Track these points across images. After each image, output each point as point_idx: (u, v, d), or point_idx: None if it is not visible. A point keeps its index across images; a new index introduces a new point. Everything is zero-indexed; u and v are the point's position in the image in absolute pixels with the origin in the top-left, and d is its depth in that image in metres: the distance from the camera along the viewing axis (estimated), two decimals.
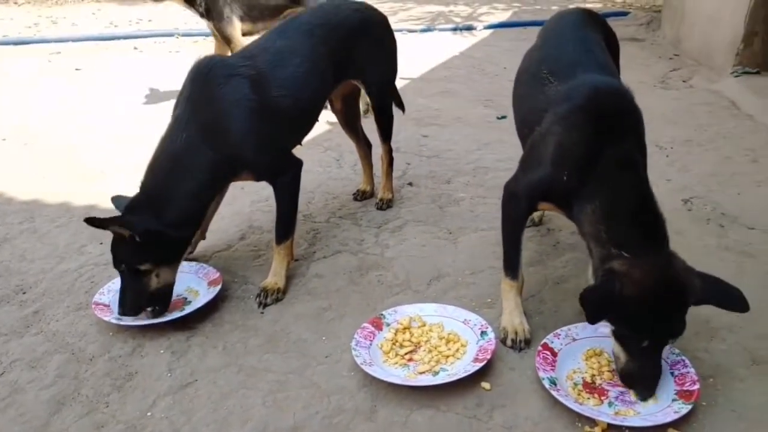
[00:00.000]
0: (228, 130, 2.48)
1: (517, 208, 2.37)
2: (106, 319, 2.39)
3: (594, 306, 1.95)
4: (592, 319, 1.96)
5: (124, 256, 2.38)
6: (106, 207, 3.31)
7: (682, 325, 1.96)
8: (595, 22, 2.81)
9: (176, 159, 2.44)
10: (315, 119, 2.91)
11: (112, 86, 5.75)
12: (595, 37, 2.64)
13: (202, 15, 4.99)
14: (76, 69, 6.23)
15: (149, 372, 2.21)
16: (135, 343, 2.35)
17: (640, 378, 2.00)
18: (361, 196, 3.46)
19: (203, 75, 2.52)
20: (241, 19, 5.00)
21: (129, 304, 2.37)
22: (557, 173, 2.17)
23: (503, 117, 4.63)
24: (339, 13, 2.97)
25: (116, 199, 2.59)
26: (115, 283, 2.62)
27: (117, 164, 3.94)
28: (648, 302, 1.91)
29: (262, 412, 2.03)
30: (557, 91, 2.29)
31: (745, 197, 3.43)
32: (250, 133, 2.51)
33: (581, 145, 2.13)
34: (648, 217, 2.02)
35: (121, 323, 2.40)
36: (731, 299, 1.95)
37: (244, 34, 5.13)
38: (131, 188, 3.48)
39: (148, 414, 2.03)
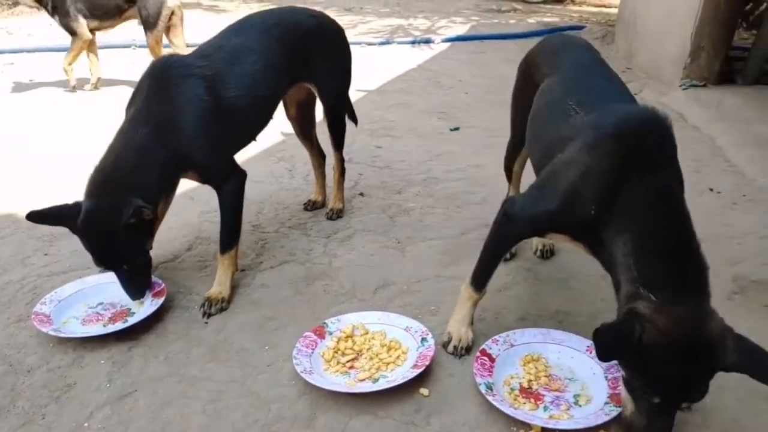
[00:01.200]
0: (181, 129, 2.50)
1: (514, 231, 2.27)
2: (44, 330, 2.36)
3: (606, 345, 1.74)
4: (603, 358, 1.78)
5: (139, 243, 2.50)
6: None
7: (703, 390, 1.75)
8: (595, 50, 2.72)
9: (135, 152, 2.45)
10: (269, 118, 2.94)
11: (66, 97, 5.69)
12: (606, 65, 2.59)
13: (50, 12, 5.50)
14: (30, 80, 6.15)
15: (88, 383, 2.19)
16: (75, 354, 2.33)
17: None
18: (312, 206, 3.48)
19: (160, 73, 2.53)
20: (86, 17, 5.49)
21: (144, 286, 2.57)
22: (581, 204, 2.00)
23: (456, 129, 4.71)
24: (295, 16, 3.02)
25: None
26: (58, 293, 2.61)
27: (66, 175, 3.89)
28: (668, 357, 1.70)
29: (201, 420, 2.03)
30: (584, 120, 2.15)
31: (687, 206, 3.52)
32: (202, 134, 2.55)
33: (611, 174, 1.95)
34: (686, 259, 1.81)
35: (60, 335, 2.37)
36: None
37: (91, 31, 5.62)
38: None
39: (85, 425, 2.01)
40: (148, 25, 5.50)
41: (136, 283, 2.53)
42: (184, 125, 2.51)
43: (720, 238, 3.16)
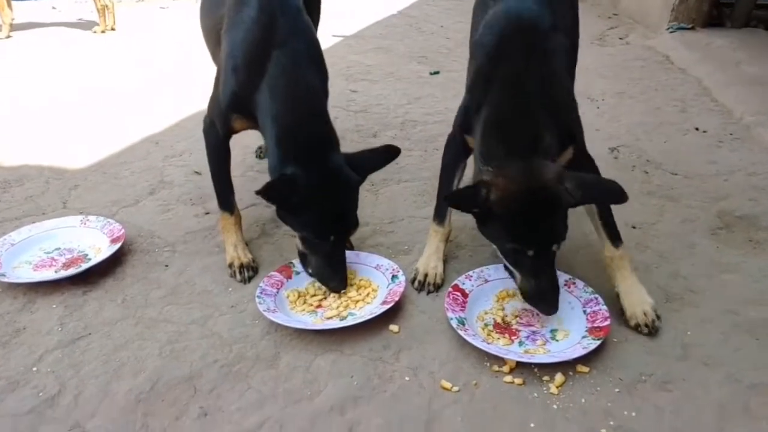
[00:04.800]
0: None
1: (453, 144, 2.28)
2: None
3: (456, 203, 2.00)
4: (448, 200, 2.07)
5: None
6: None
7: (561, 229, 1.91)
8: None
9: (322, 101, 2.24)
10: None
11: (25, 46, 5.48)
12: None
13: None
14: None
15: (38, 327, 2.07)
16: (26, 299, 2.20)
17: (539, 293, 1.94)
18: (264, 152, 3.29)
19: (298, 23, 2.23)
20: None
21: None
22: (469, 101, 2.11)
23: (436, 72, 4.55)
24: None
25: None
26: (12, 236, 2.48)
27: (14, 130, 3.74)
28: (514, 207, 1.86)
29: (157, 362, 1.92)
30: (488, 17, 2.14)
31: (671, 145, 3.43)
32: None
33: (483, 70, 2.06)
34: (519, 129, 1.93)
35: (4, 280, 2.24)
36: (609, 193, 1.89)
37: None
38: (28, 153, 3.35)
39: (34, 369, 1.90)
40: None
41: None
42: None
43: (705, 175, 3.06)
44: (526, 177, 1.86)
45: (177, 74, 4.68)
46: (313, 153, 2.06)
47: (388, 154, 2.21)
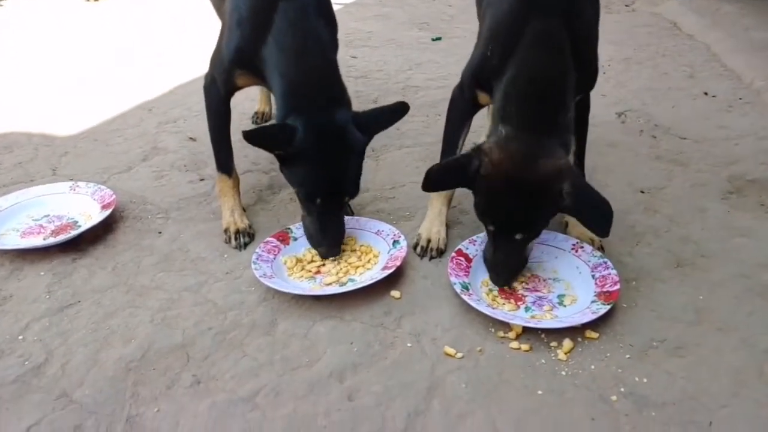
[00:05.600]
0: None
1: (460, 100, 2.15)
2: None
3: (434, 175, 1.85)
4: (425, 186, 1.88)
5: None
6: None
7: (535, 225, 1.85)
8: None
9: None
10: None
11: (16, 13, 5.37)
12: None
13: None
14: None
15: (25, 295, 1.99)
16: (12, 266, 2.12)
17: (493, 264, 1.93)
18: (261, 117, 3.19)
19: None
20: None
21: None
22: (486, 51, 1.97)
23: (438, 39, 4.43)
24: None
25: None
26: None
27: (3, 97, 3.65)
28: (496, 189, 1.79)
29: (149, 330, 1.84)
30: None
31: (679, 110, 3.33)
32: None
33: (507, 17, 1.92)
34: (547, 101, 1.81)
35: None
36: (597, 221, 1.75)
37: None
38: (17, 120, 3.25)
39: (20, 337, 1.82)
40: None
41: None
42: None
43: (715, 140, 2.97)
44: (525, 163, 1.75)
45: (171, 41, 4.56)
46: (319, 108, 1.97)
47: (398, 110, 2.11)
